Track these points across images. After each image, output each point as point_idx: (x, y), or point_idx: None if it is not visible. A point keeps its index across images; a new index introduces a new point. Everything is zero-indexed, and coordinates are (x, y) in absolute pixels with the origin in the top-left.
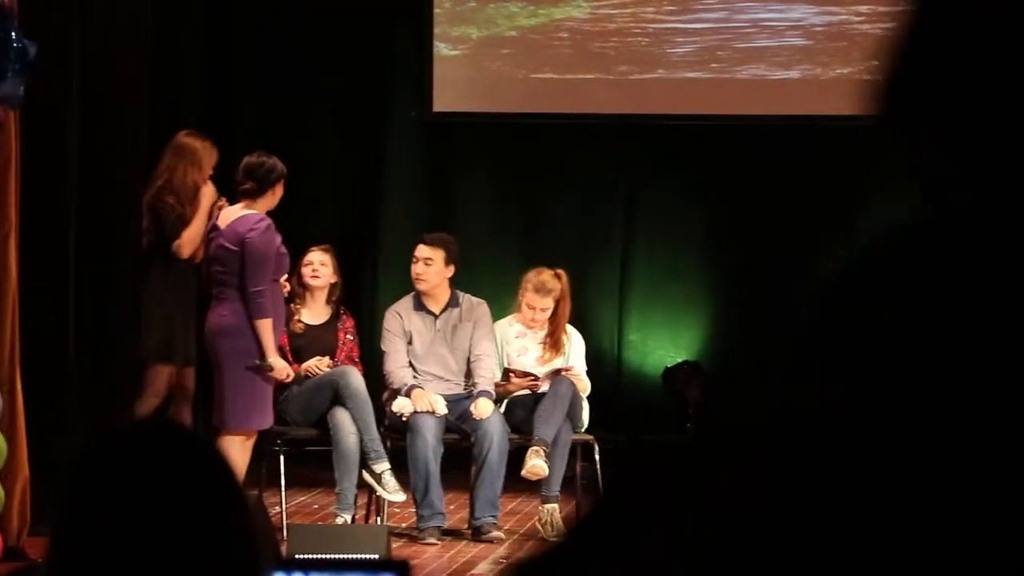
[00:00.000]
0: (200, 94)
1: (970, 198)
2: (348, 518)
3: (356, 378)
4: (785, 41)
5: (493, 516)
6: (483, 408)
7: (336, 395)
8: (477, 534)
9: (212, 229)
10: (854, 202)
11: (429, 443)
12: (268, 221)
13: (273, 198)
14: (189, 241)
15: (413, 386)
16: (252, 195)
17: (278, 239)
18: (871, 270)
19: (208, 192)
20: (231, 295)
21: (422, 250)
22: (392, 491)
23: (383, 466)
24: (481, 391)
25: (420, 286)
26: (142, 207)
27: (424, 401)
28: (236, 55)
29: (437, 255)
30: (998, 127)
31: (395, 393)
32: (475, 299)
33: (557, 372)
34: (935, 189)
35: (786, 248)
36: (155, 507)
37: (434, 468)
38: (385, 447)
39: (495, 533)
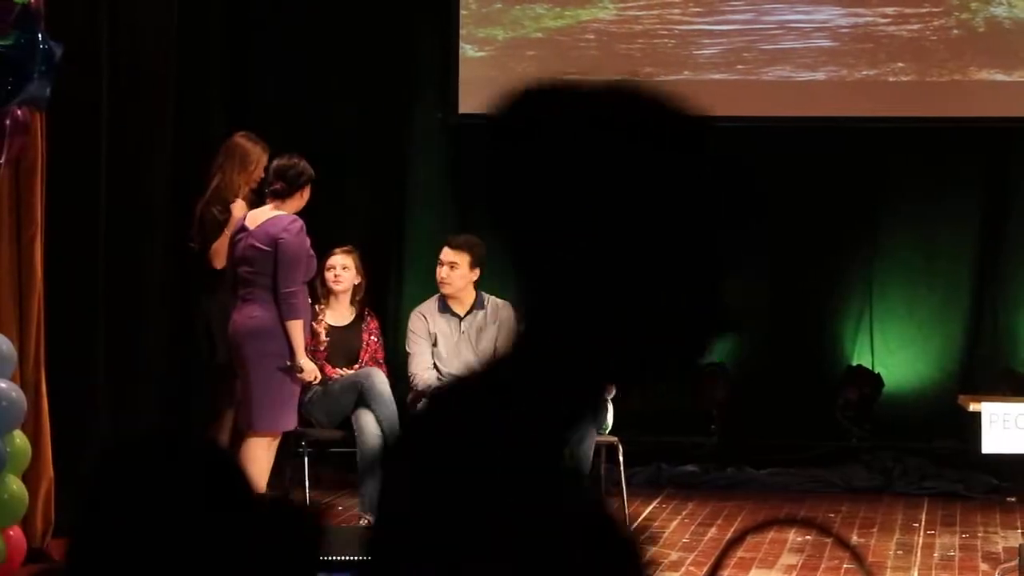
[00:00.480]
0: (225, 96)
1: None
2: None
3: (381, 379)
4: (811, 43)
5: None
6: None
7: (361, 396)
8: None
9: (240, 230)
10: (878, 203)
11: None
12: (300, 222)
13: (301, 200)
14: (221, 250)
15: (438, 387)
16: (281, 196)
17: (308, 241)
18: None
19: (239, 206)
20: (260, 296)
21: (447, 254)
22: None
23: None
24: None
25: (445, 290)
26: (195, 214)
27: None
28: (261, 56)
29: (462, 259)
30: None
31: (420, 395)
32: (500, 301)
33: None
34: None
35: (812, 249)
36: (172, 516)
37: None
38: None
39: None
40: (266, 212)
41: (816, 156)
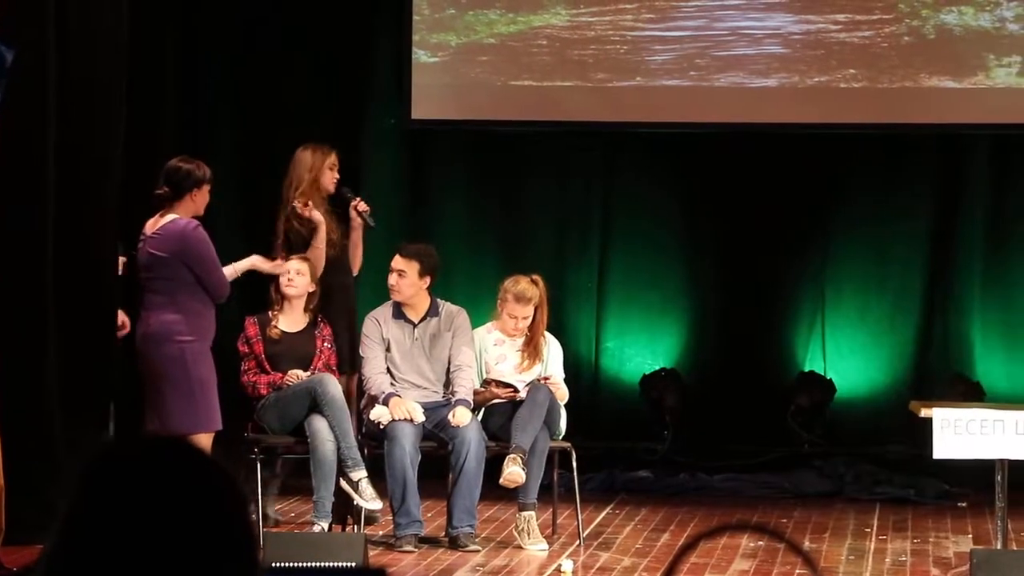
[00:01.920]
0: (178, 101)
1: None
2: (325, 526)
3: (334, 385)
4: (763, 49)
5: (470, 525)
6: (461, 416)
7: (313, 403)
8: (454, 543)
9: (140, 237)
10: (830, 209)
11: (407, 451)
12: (196, 222)
13: (193, 204)
14: (317, 260)
15: (391, 394)
16: (168, 199)
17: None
18: None
19: (316, 217)
20: (159, 301)
21: (397, 261)
22: (369, 499)
23: (360, 474)
24: (460, 399)
25: (395, 297)
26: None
27: (402, 409)
28: (213, 62)
29: (411, 267)
30: None
31: (373, 400)
32: (454, 307)
33: (536, 380)
34: None
35: (764, 255)
36: (159, 522)
37: (411, 476)
38: (363, 454)
39: (472, 543)
40: (161, 218)
41: (768, 162)
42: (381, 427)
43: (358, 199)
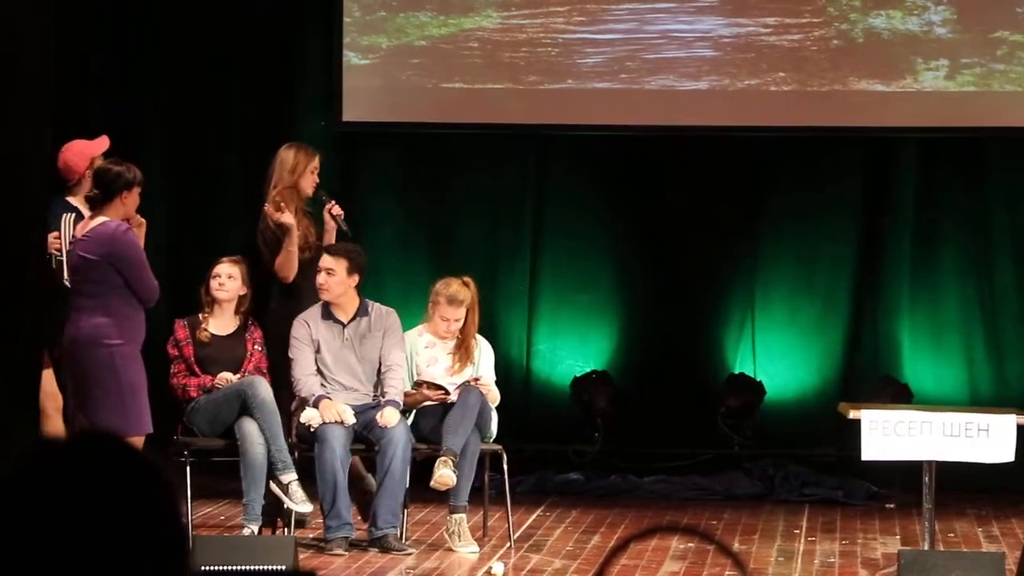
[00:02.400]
0: (104, 103)
1: None
2: (255, 529)
3: (264, 388)
4: (694, 52)
5: (394, 527)
6: (389, 417)
7: (243, 405)
8: (379, 544)
9: (72, 240)
10: (760, 211)
11: (337, 453)
12: (126, 225)
13: (123, 206)
14: (281, 267)
15: (321, 396)
16: (98, 202)
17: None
18: None
19: (286, 220)
20: (88, 305)
21: (325, 260)
22: (299, 502)
23: (290, 476)
24: (388, 400)
25: (324, 296)
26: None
27: (332, 411)
28: (140, 64)
29: (339, 265)
30: None
31: (304, 402)
32: (385, 308)
33: (467, 382)
34: None
35: (694, 258)
36: (89, 518)
37: (342, 478)
38: (293, 457)
39: (398, 545)
40: (91, 221)
41: (698, 165)
42: (311, 430)
43: (333, 203)
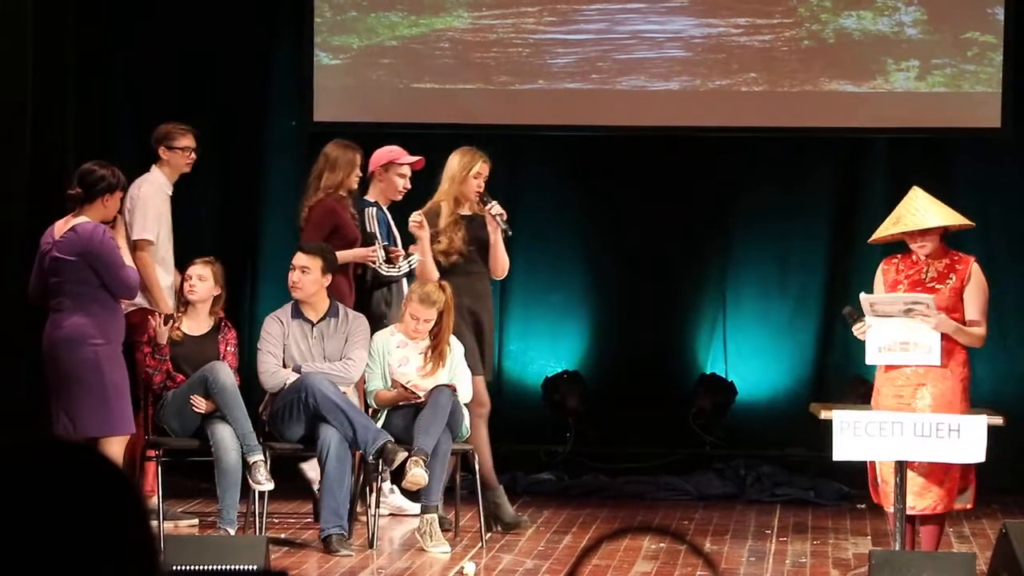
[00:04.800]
0: (78, 102)
1: None
2: (232, 532)
3: (225, 372)
4: (664, 53)
5: (339, 527)
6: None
7: (207, 392)
8: (326, 546)
9: (49, 239)
10: (731, 212)
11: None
12: (104, 227)
13: (104, 209)
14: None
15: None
16: (79, 201)
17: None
18: None
19: (421, 236)
20: (67, 305)
21: (300, 258)
22: (263, 481)
23: (256, 457)
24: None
25: (296, 294)
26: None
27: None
28: (113, 65)
29: (314, 264)
30: None
31: (273, 396)
32: (354, 313)
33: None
34: None
35: (666, 258)
36: (53, 522)
37: (335, 474)
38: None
39: (343, 548)
40: (70, 220)
41: (669, 166)
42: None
43: (492, 203)
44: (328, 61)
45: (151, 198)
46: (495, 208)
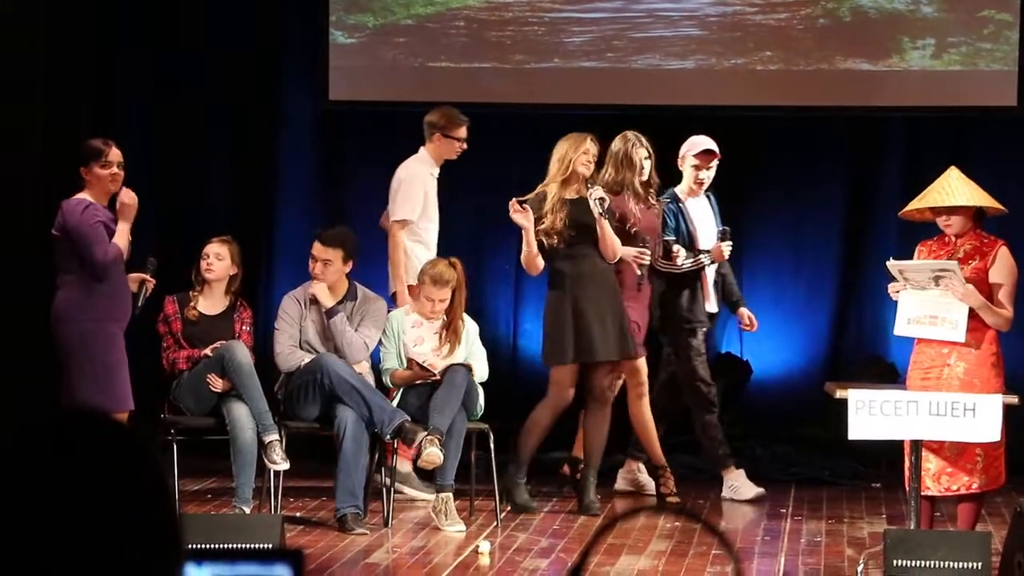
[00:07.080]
0: (92, 85)
1: None
2: (247, 511)
3: (241, 351)
4: (680, 31)
5: (355, 506)
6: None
7: (223, 370)
8: (341, 524)
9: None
10: (745, 192)
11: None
12: (86, 202)
13: (98, 183)
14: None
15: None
16: (80, 178)
17: (96, 215)
18: None
19: (519, 221)
20: (63, 280)
21: (320, 250)
22: (279, 461)
23: (271, 437)
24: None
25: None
26: None
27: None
28: (127, 46)
29: (336, 255)
30: None
31: (289, 376)
32: (372, 295)
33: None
34: None
35: None
36: (78, 496)
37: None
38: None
39: (358, 526)
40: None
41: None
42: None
43: (595, 187)
44: (343, 40)
45: (412, 180)
46: (596, 192)
